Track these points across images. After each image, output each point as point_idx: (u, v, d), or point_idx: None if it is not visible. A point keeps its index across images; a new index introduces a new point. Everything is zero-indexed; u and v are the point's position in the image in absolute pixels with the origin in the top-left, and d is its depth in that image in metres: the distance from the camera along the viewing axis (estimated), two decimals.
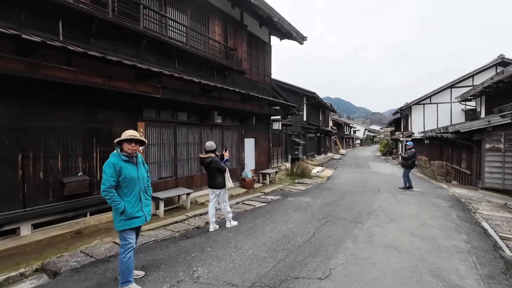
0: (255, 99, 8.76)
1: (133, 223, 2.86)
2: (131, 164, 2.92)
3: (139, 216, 2.90)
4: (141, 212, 2.93)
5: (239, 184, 9.17)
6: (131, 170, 2.89)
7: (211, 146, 4.84)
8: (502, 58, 19.42)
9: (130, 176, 2.86)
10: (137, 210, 2.89)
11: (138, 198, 2.91)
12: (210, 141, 4.97)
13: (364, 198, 7.56)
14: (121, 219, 2.81)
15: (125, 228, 2.83)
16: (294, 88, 18.90)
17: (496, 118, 9.74)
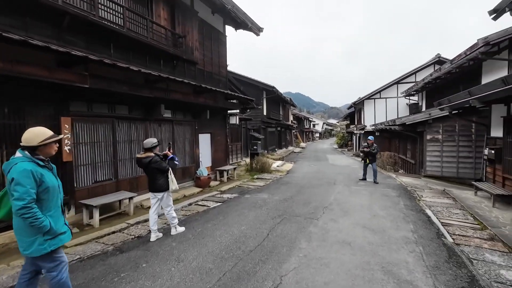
0: (209, 92, 8.17)
1: (60, 240, 2.31)
2: (48, 170, 2.31)
3: (64, 231, 2.36)
4: (66, 227, 2.40)
5: (193, 183, 8.56)
6: (51, 178, 2.30)
7: (150, 143, 4.20)
8: (439, 57, 21.45)
9: (52, 185, 2.28)
10: (61, 225, 2.35)
11: (60, 210, 2.38)
12: (149, 138, 4.33)
13: (321, 192, 7.57)
14: (45, 240, 2.20)
15: (52, 249, 2.24)
16: (254, 81, 18.58)
17: (435, 111, 10.59)
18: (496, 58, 9.41)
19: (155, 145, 4.23)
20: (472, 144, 10.03)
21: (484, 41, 8.48)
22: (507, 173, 6.43)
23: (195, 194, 7.75)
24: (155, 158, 4.14)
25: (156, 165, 4.13)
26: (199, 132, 8.97)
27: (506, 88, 4.53)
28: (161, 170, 4.18)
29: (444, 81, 14.12)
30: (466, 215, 5.61)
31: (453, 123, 10.34)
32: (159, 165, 4.15)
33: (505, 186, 6.51)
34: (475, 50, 9.31)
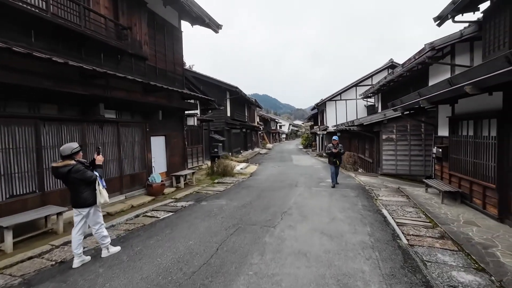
0: (161, 90, 7.46)
1: None
2: None
3: None
4: None
5: (145, 191, 7.74)
6: None
7: (68, 149, 3.47)
8: (391, 62, 22.90)
9: None
10: None
11: None
12: (69, 143, 3.59)
13: (281, 195, 7.30)
14: None
15: None
16: (216, 82, 17.98)
17: (390, 111, 11.06)
18: (440, 63, 10.05)
19: (76, 150, 3.51)
20: (422, 143, 10.64)
21: (430, 46, 8.96)
22: (453, 170, 6.78)
23: (146, 204, 6.97)
24: (77, 167, 3.42)
25: (78, 175, 3.42)
26: (151, 135, 8.17)
27: (451, 89, 4.64)
28: (85, 181, 3.48)
29: (397, 83, 14.95)
30: (418, 213, 5.72)
31: (405, 123, 10.89)
32: (82, 175, 3.44)
33: (451, 182, 6.87)
34: (422, 54, 9.84)
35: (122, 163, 7.14)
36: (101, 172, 3.73)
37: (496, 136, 5.10)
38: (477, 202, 5.76)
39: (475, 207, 5.78)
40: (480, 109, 5.72)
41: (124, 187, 7.19)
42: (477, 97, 5.48)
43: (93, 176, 3.54)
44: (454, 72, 9.81)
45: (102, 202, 3.63)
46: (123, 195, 7.11)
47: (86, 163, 3.64)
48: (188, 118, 9.92)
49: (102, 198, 3.62)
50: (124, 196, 7.12)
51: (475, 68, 4.34)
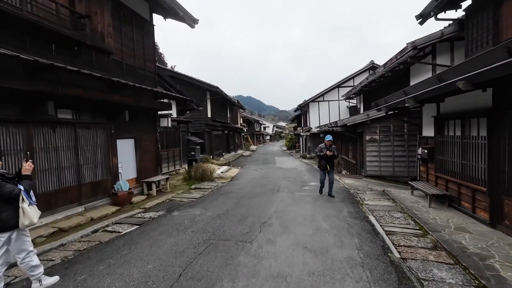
0: (128, 88, 6.70)
1: None
2: None
3: None
4: None
5: (109, 201, 6.90)
6: None
7: None
8: (372, 63, 23.12)
9: None
10: None
11: None
12: None
13: (262, 202, 6.72)
14: None
15: None
16: (195, 81, 17.20)
17: (373, 112, 10.84)
18: (422, 62, 9.90)
19: None
20: (405, 143, 10.48)
21: (412, 45, 8.77)
22: (439, 172, 6.52)
23: (108, 216, 6.14)
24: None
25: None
26: (117, 137, 7.33)
27: (442, 85, 4.28)
28: (5, 197, 2.72)
29: (378, 84, 14.88)
30: (407, 219, 5.35)
31: (388, 123, 10.70)
32: (1, 190, 2.68)
33: (438, 185, 6.60)
34: (404, 54, 9.66)
35: (81, 170, 6.28)
36: (29, 185, 2.96)
37: (486, 136, 4.82)
38: (466, 206, 5.48)
39: (464, 211, 5.50)
40: (468, 108, 5.45)
41: (84, 197, 6.32)
42: (464, 95, 5.20)
43: (14, 191, 2.76)
44: (435, 72, 9.70)
45: (26, 224, 2.85)
46: (82, 206, 6.24)
47: (8, 174, 2.90)
48: (161, 119, 9.14)
49: (26, 219, 2.82)
50: (84, 208, 6.26)
51: (466, 62, 4.00)
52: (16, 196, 2.78)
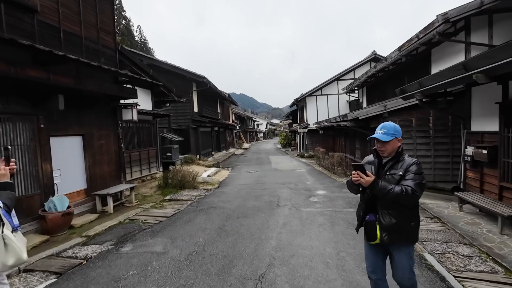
0: (69, 62, 4.57)
1: None
2: None
3: None
4: None
5: (36, 227, 4.74)
6: None
7: None
8: (374, 54, 21.28)
9: None
10: None
11: None
12: None
13: (256, 226, 4.67)
14: None
15: None
16: (179, 70, 14.97)
17: (391, 102, 8.93)
18: (454, 40, 8.00)
19: None
20: (430, 141, 8.61)
21: (444, 18, 6.86)
22: (506, 181, 4.61)
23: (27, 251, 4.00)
24: None
25: None
26: (51, 134, 5.17)
27: None
28: None
29: (388, 73, 13.02)
30: (484, 259, 3.41)
31: (410, 117, 8.80)
32: None
33: (504, 198, 4.70)
34: (431, 30, 7.73)
35: None
36: (10, 199, 1.71)
37: None
38: None
39: None
40: None
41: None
42: None
43: None
44: (469, 53, 7.82)
45: (11, 264, 1.64)
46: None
47: None
48: (124, 111, 6.97)
49: (10, 256, 1.61)
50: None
51: None
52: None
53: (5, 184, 1.72)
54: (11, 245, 1.60)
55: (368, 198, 2.07)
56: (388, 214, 1.96)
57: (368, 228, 2.08)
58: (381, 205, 2.00)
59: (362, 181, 1.88)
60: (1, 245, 1.58)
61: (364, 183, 1.89)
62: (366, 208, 2.11)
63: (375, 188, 1.89)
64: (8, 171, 1.76)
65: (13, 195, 1.76)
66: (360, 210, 2.18)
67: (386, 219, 1.96)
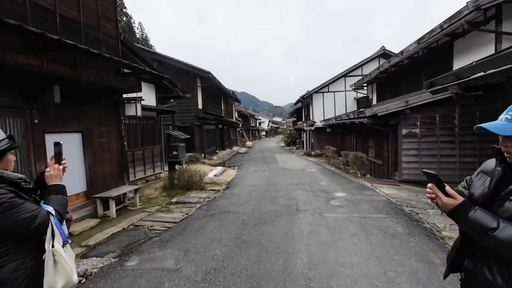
0: (59, 49, 4.00)
1: None
2: None
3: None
4: None
5: None
6: None
7: None
8: (383, 49, 20.63)
9: None
10: None
11: None
12: None
13: (279, 236, 4.10)
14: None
15: None
16: (183, 65, 14.38)
17: (413, 98, 8.33)
18: (484, 30, 7.39)
19: None
20: (455, 139, 8.01)
21: (475, 5, 6.27)
22: None
23: None
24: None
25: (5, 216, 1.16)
26: (46, 131, 4.60)
27: None
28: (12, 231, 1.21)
29: (401, 69, 12.43)
30: None
31: (433, 113, 8.20)
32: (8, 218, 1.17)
33: None
34: (458, 19, 7.13)
35: None
36: (62, 204, 1.41)
37: None
38: None
39: None
40: None
41: None
42: None
43: (36, 218, 1.23)
44: (500, 43, 7.21)
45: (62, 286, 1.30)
46: None
47: (26, 182, 1.34)
48: (127, 106, 6.40)
49: (61, 278, 1.30)
50: None
51: None
52: (41, 229, 1.26)
53: (58, 187, 1.44)
54: (62, 264, 1.30)
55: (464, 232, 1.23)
56: (493, 268, 1.13)
57: (466, 280, 1.30)
58: (483, 249, 1.18)
59: (439, 202, 1.16)
60: (51, 264, 1.28)
61: (441, 206, 1.16)
62: (463, 248, 1.28)
63: (459, 219, 1.13)
64: (61, 172, 1.48)
65: (66, 200, 1.48)
66: (453, 249, 1.37)
67: (486, 274, 1.15)
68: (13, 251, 1.21)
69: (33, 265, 1.26)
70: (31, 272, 1.25)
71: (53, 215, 1.31)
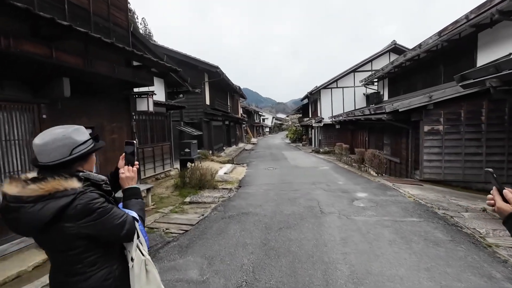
0: (67, 37, 3.66)
1: None
2: None
3: None
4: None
5: None
6: None
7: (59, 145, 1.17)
8: (394, 44, 20.06)
9: None
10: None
11: None
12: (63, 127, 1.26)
13: (310, 244, 3.74)
14: None
15: None
16: (191, 60, 13.98)
17: (437, 93, 7.89)
18: None
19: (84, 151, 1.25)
20: (481, 136, 7.59)
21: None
22: None
23: (16, 281, 3.16)
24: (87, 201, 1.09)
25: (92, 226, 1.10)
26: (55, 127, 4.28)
27: None
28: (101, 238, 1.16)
29: (416, 63, 11.96)
30: None
31: (458, 109, 7.77)
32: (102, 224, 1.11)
33: None
34: (488, 8, 6.70)
35: None
36: (143, 209, 1.35)
37: None
38: None
39: None
40: None
41: None
42: None
43: (127, 224, 1.17)
44: None
45: None
46: None
47: (105, 185, 1.24)
48: (138, 100, 6.05)
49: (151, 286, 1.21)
50: None
51: None
52: (129, 236, 1.20)
53: (136, 190, 1.39)
54: (153, 274, 1.27)
55: None
56: None
57: None
58: None
59: (496, 207, 1.04)
60: (144, 274, 1.23)
61: (496, 211, 1.06)
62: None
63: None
64: (136, 173, 1.44)
65: (144, 204, 1.42)
66: None
67: None
68: (102, 259, 1.17)
69: (119, 273, 1.21)
70: (119, 281, 1.20)
71: (137, 221, 1.25)
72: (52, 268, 1.22)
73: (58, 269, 1.18)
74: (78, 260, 1.12)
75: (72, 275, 1.13)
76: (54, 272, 1.20)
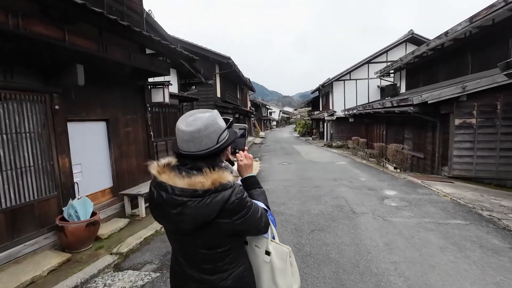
0: (81, 17, 3.30)
1: None
2: None
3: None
4: None
5: (53, 241, 3.61)
6: None
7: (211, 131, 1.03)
8: (412, 33, 19.22)
9: None
10: None
11: None
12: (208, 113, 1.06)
13: (351, 250, 3.36)
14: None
15: None
16: (202, 51, 13.53)
17: (472, 83, 7.33)
18: None
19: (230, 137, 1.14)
20: None
21: None
22: None
23: (38, 285, 2.89)
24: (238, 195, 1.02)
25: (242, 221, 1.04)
26: (68, 118, 3.95)
27: None
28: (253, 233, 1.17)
29: (439, 53, 11.26)
30: None
31: (494, 101, 7.21)
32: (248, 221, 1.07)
33: None
34: None
35: None
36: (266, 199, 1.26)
37: None
38: None
39: None
40: None
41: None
42: None
43: (263, 216, 1.13)
44: None
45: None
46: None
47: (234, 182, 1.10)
48: (153, 91, 5.69)
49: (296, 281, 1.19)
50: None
51: None
52: (266, 228, 1.17)
53: (255, 179, 1.27)
54: (295, 266, 1.21)
55: None
56: None
57: None
58: None
59: None
60: (289, 266, 1.18)
61: None
62: None
63: None
64: (253, 160, 1.29)
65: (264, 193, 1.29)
66: None
67: None
68: (239, 255, 1.14)
69: (250, 268, 1.18)
70: (252, 277, 1.17)
71: (267, 211, 1.20)
72: (179, 264, 1.12)
73: (192, 266, 1.09)
74: (221, 257, 1.07)
75: (212, 273, 1.07)
76: (186, 269, 1.10)
